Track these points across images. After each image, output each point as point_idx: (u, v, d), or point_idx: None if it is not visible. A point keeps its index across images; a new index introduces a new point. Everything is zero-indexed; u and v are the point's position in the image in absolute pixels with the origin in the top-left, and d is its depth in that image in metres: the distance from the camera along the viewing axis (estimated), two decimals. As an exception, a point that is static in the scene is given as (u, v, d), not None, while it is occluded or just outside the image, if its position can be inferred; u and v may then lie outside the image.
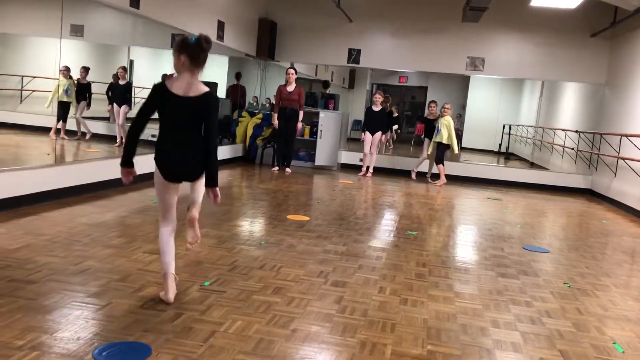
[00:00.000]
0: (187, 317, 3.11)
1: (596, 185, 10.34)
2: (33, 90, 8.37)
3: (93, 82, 8.62)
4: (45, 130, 7.92)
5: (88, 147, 8.74)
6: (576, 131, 11.00)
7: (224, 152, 10.27)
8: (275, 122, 9.80)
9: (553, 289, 4.25)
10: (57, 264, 3.79)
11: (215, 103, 3.24)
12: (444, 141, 9.89)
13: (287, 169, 9.91)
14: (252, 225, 5.76)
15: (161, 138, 3.23)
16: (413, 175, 10.62)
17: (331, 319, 3.27)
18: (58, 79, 7.88)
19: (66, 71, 7.98)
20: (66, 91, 8.14)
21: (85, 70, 8.42)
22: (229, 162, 10.36)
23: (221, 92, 11.45)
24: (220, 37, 9.41)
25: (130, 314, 3.07)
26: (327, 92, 11.68)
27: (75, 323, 2.90)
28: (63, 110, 8.01)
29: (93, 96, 8.72)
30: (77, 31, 8.06)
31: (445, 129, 9.86)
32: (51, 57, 7.34)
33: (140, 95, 8.93)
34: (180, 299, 3.35)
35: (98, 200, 6.06)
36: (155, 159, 3.24)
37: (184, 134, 3.20)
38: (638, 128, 8.52)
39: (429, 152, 10.33)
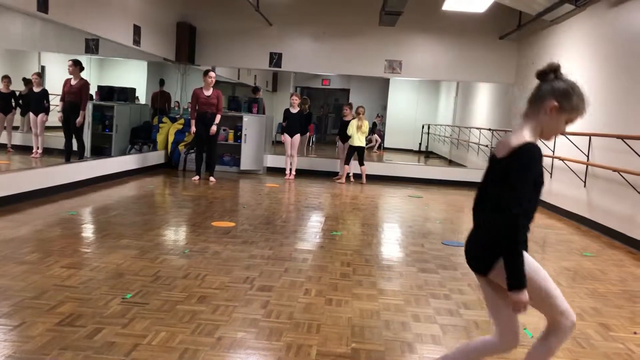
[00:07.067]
0: (108, 331, 3.02)
1: (509, 180, 10.89)
2: None
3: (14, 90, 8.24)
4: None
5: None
6: (489, 129, 11.56)
7: (144, 159, 10.01)
8: (194, 128, 9.29)
9: (470, 282, 4.46)
10: (-36, 285, 3.59)
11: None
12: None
13: (212, 178, 9.38)
14: (175, 234, 5.66)
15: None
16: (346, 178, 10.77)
17: (257, 324, 3.28)
18: None
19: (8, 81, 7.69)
20: None
21: (8, 79, 8.02)
22: (150, 170, 10.12)
23: (142, 98, 11.17)
24: (136, 42, 9.18)
25: (46, 332, 2.95)
26: (258, 96, 11.77)
27: (-15, 346, 2.76)
28: None
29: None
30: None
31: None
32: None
33: (53, 102, 8.52)
34: (100, 314, 3.26)
35: (9, 214, 5.76)
36: None
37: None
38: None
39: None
